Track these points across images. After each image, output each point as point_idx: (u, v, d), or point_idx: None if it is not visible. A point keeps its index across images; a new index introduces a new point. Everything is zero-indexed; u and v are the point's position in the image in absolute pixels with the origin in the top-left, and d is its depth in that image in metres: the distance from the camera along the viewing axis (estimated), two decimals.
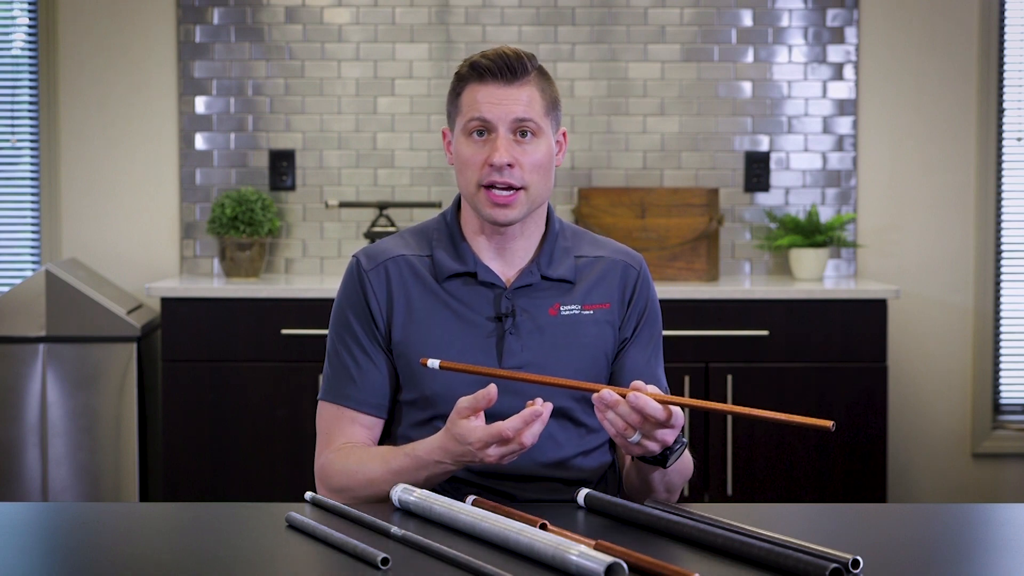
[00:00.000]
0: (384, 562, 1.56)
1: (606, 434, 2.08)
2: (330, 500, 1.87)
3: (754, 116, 4.38)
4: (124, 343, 3.96)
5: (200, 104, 4.34)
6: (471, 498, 1.83)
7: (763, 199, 4.39)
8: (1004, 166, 4.42)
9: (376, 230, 4.18)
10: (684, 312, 3.88)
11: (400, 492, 1.83)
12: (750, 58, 4.37)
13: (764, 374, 3.88)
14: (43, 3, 4.31)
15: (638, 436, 1.82)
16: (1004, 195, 4.42)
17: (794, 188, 4.39)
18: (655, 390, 1.82)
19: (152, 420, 4.19)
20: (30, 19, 4.36)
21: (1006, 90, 4.41)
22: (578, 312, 2.08)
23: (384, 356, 2.07)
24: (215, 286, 4.01)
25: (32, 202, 4.38)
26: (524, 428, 1.81)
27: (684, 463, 2.02)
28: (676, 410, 1.81)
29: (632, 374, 2.08)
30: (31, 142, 4.37)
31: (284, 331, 3.86)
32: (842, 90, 4.38)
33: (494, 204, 2.02)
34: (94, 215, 4.36)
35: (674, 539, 1.68)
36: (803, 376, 3.88)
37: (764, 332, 3.89)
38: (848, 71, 4.37)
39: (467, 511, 1.71)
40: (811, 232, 4.23)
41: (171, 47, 4.34)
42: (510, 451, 1.83)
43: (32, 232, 4.39)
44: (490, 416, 1.87)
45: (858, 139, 4.39)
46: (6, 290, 4.18)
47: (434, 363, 1.89)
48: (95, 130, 4.35)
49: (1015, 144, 4.43)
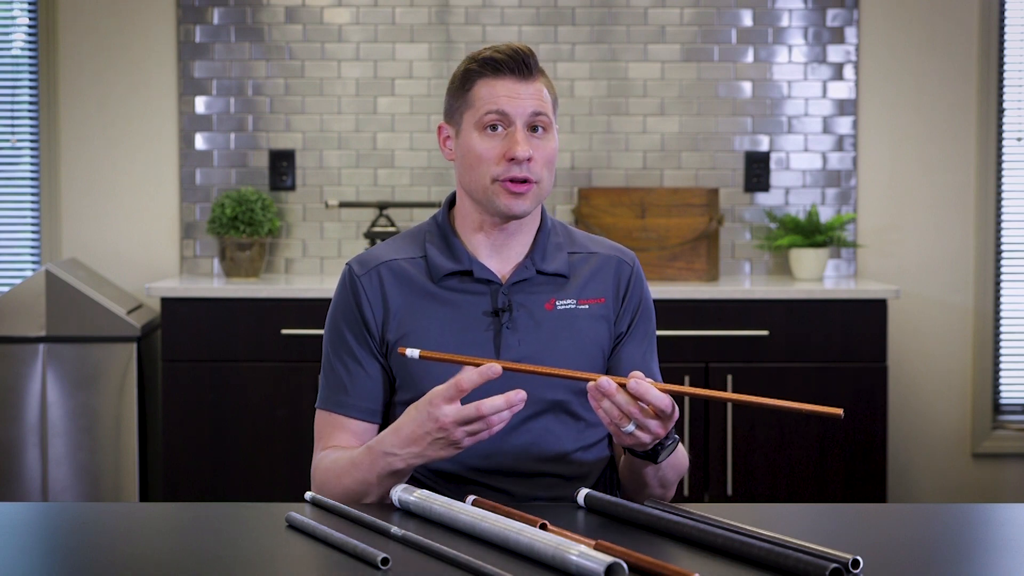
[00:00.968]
0: (384, 562, 1.56)
1: (605, 429, 2.08)
2: (330, 500, 1.87)
3: (754, 116, 4.38)
4: (124, 343, 3.96)
5: (200, 104, 4.34)
6: (471, 498, 1.83)
7: (763, 199, 4.39)
8: (1004, 166, 4.42)
9: (376, 230, 4.18)
10: (684, 312, 3.88)
11: (400, 492, 1.83)
12: (750, 58, 4.37)
13: (764, 374, 3.88)
14: (43, 3, 4.31)
15: (632, 426, 1.82)
16: (1004, 195, 4.42)
17: (794, 188, 4.39)
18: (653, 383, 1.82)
19: (152, 420, 4.19)
20: (30, 19, 4.36)
21: (1006, 90, 4.41)
22: (574, 306, 2.09)
23: (376, 363, 2.07)
24: (215, 286, 4.01)
25: (32, 202, 4.38)
26: (504, 409, 1.79)
27: (678, 458, 2.02)
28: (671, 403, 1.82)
29: (628, 369, 2.08)
30: (31, 142, 4.37)
31: (284, 331, 3.86)
32: (842, 90, 4.37)
33: (512, 194, 2.01)
34: (94, 215, 4.36)
35: (674, 539, 1.68)
36: (803, 376, 3.88)
37: (764, 332, 3.89)
38: (848, 71, 4.37)
39: (467, 511, 1.71)
40: (811, 232, 4.23)
41: (171, 47, 4.34)
42: (477, 429, 1.80)
43: (32, 232, 4.39)
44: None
45: (858, 139, 4.39)
46: (6, 290, 4.18)
47: (413, 352, 1.85)
48: (95, 130, 4.35)
49: (1015, 144, 4.43)
